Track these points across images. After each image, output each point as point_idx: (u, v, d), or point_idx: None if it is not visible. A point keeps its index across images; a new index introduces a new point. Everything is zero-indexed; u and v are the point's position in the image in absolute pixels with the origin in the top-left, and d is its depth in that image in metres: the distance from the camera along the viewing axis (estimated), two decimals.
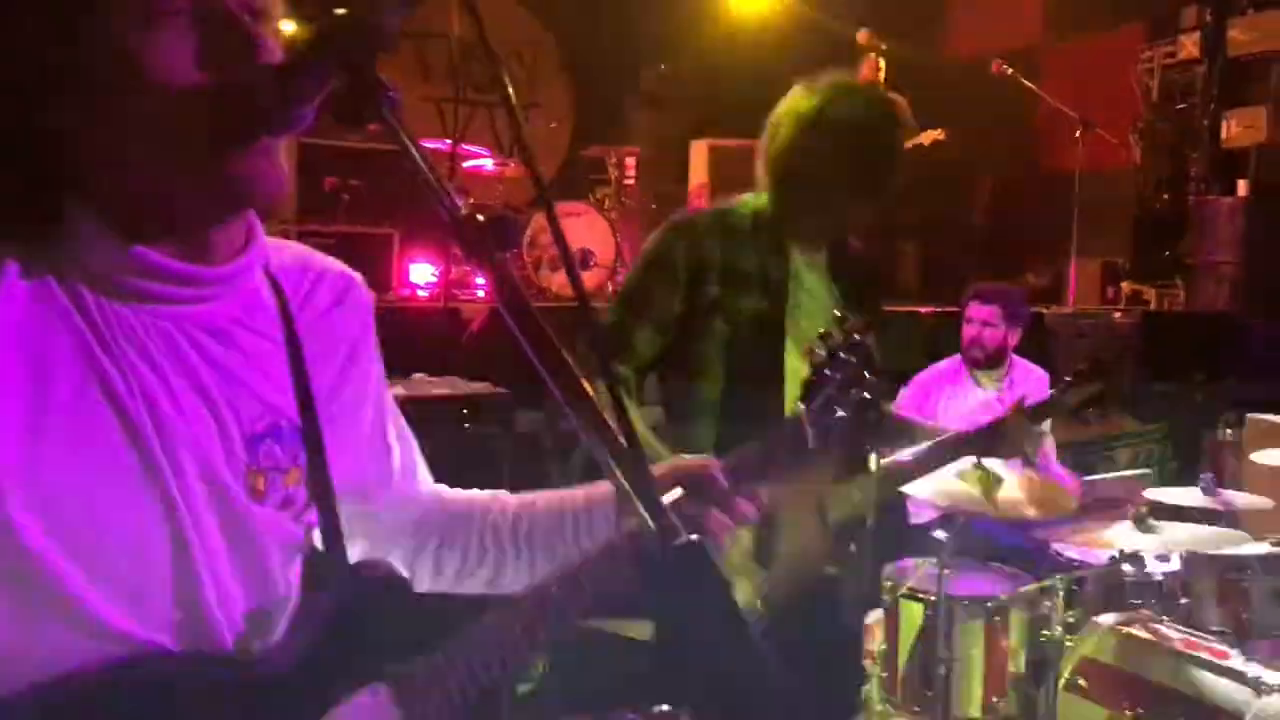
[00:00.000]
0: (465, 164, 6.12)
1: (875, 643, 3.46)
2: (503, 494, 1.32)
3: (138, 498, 0.96)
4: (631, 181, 6.75)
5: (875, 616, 4.01)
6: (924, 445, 2.47)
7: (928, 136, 6.80)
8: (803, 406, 1.47)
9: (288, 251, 1.15)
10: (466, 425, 3.08)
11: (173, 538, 0.97)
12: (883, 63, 6.84)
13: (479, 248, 0.88)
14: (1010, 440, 2.39)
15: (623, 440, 0.81)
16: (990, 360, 4.08)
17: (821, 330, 1.52)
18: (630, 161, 6.77)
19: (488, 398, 3.25)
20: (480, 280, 5.21)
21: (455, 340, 4.15)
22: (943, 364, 4.23)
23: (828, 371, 1.49)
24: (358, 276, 1.21)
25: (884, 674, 3.34)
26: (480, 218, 0.88)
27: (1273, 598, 3.20)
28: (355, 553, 1.11)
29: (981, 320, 4.05)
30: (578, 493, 1.29)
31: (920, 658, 3.19)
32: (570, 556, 1.15)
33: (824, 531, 2.15)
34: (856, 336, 1.53)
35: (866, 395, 1.53)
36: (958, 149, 7.29)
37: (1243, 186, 6.25)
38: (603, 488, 1.25)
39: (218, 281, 1.03)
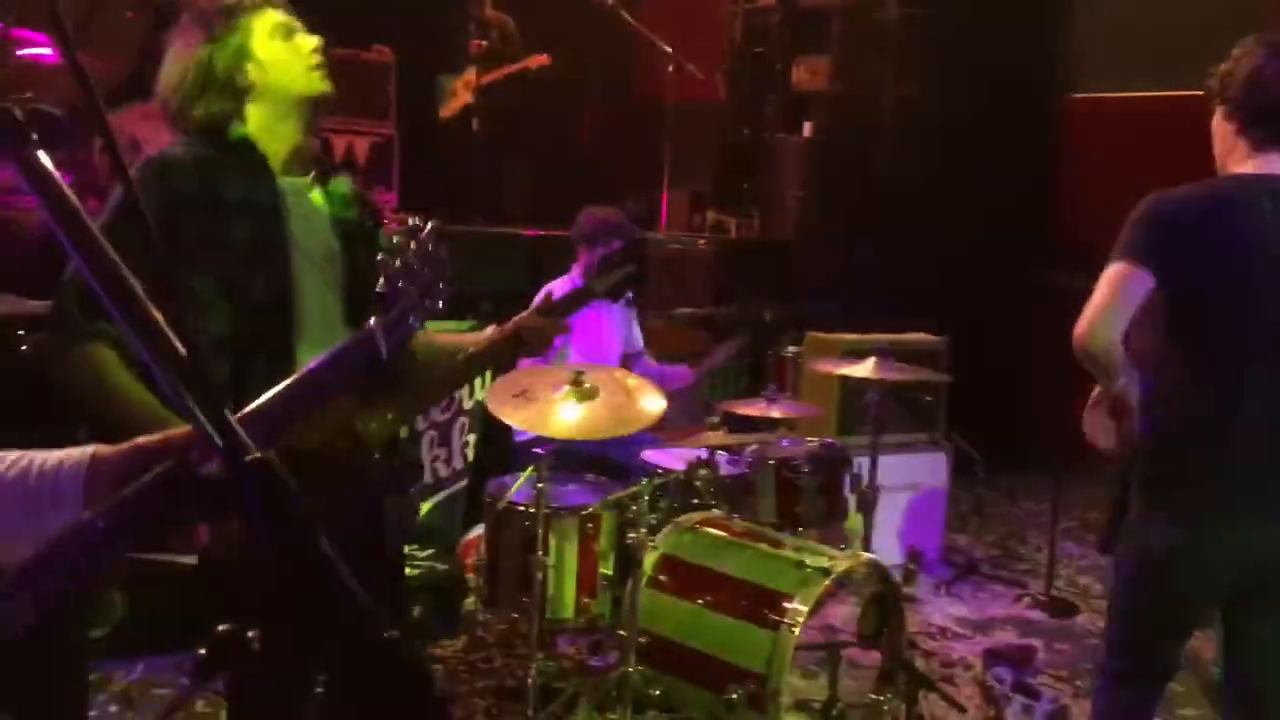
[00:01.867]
0: (21, 52, 5.35)
1: (476, 555, 3.58)
2: None
3: None
4: None
5: (477, 531, 4.13)
6: (448, 364, 2.37)
7: (533, 61, 6.89)
8: (375, 319, 1.46)
9: None
10: (25, 347, 2.76)
11: None
12: None
13: (14, 145, 0.80)
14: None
15: (187, 357, 0.77)
16: None
17: (390, 240, 1.51)
18: None
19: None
20: None
21: (10, 255, 3.68)
22: (558, 285, 4.26)
23: (402, 284, 1.48)
24: None
25: (484, 585, 3.46)
26: (18, 113, 0.80)
27: (818, 492, 3.69)
28: None
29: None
30: (51, 458, 1.14)
31: (518, 567, 3.34)
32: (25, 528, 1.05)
33: (368, 458, 2.08)
34: (430, 247, 1.54)
35: (441, 305, 1.55)
36: (562, 74, 7.45)
37: (808, 128, 6.94)
38: (78, 454, 1.13)
39: None
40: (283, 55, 2.13)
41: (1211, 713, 3.57)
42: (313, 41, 2.17)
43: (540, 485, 3.19)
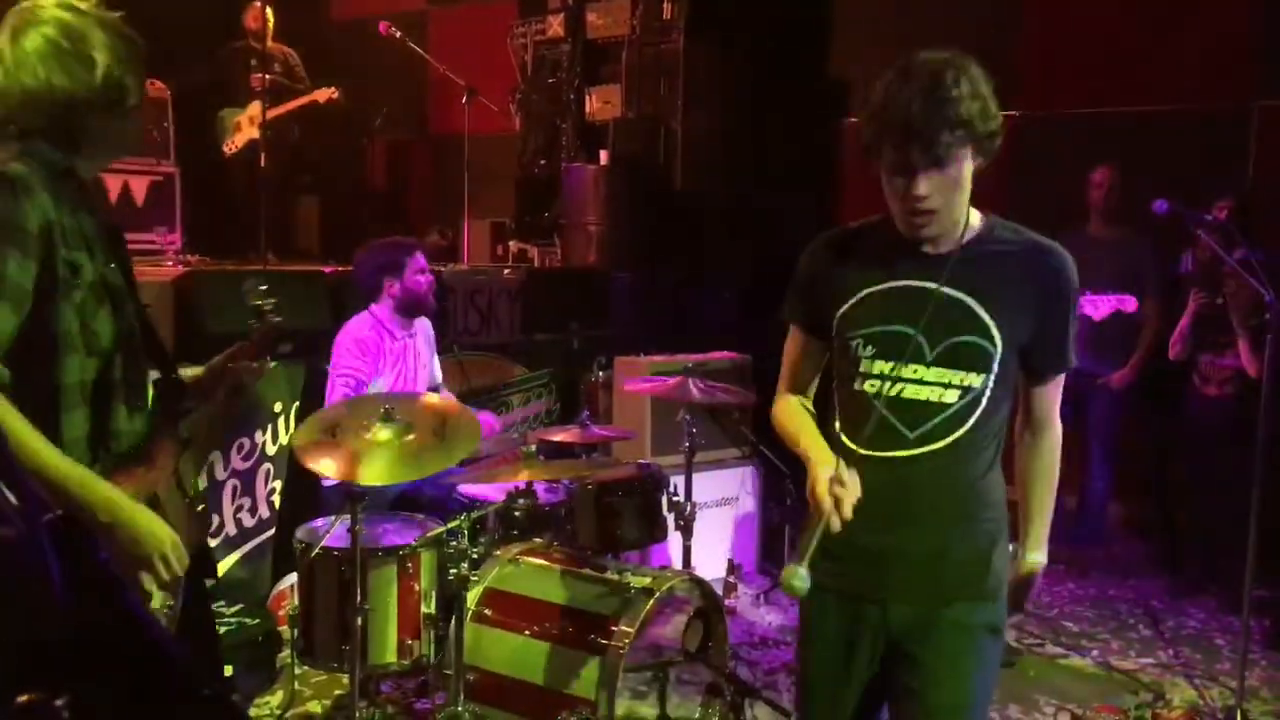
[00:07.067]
0: None
1: (289, 606, 3.42)
2: None
3: None
4: None
5: (288, 581, 3.96)
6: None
7: (322, 94, 6.73)
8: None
9: None
10: None
11: None
12: (270, 13, 6.60)
13: None
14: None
15: None
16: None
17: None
18: None
19: None
20: None
21: None
22: (362, 321, 4.06)
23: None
24: None
25: (300, 636, 3.31)
26: None
27: (636, 514, 3.72)
28: None
29: (429, 282, 4.08)
30: None
31: (336, 613, 3.22)
32: None
33: (191, 504, 2.02)
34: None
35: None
36: (351, 109, 7.31)
37: (604, 156, 7.04)
38: None
39: None
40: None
41: None
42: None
43: (355, 528, 3.09)
